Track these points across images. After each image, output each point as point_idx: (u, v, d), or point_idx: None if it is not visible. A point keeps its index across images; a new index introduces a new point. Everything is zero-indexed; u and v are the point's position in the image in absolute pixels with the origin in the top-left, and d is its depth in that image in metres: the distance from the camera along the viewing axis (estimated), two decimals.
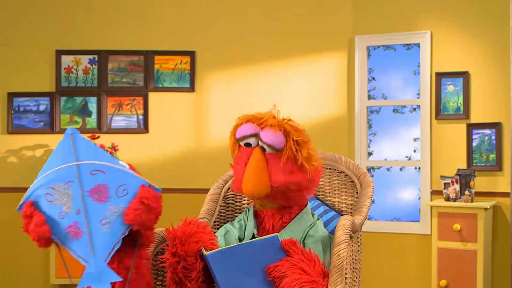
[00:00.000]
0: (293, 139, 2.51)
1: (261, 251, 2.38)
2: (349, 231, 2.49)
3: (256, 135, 2.55)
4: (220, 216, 2.98)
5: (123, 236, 2.30)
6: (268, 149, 2.52)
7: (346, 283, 2.43)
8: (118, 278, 2.26)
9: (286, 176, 2.51)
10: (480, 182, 4.87)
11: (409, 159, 5.24)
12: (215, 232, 2.74)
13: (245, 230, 2.69)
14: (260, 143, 2.54)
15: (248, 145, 2.57)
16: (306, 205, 2.70)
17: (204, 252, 2.36)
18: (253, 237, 2.63)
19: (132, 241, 2.41)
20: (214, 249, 2.39)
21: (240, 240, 2.67)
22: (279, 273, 2.36)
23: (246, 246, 2.38)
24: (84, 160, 2.33)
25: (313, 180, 2.60)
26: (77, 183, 2.30)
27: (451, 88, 5.01)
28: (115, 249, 2.28)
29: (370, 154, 5.33)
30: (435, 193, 5.03)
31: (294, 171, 2.53)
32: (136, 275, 2.36)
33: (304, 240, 2.59)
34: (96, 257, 2.26)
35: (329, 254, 2.55)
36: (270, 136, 2.51)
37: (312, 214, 2.71)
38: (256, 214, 2.70)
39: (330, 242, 2.61)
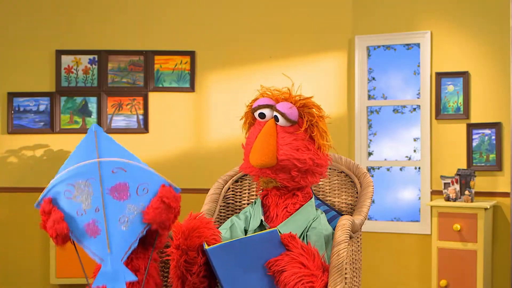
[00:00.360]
0: (308, 116, 2.59)
1: (261, 246, 2.40)
2: (349, 231, 2.49)
3: (271, 107, 2.61)
4: (220, 216, 2.98)
5: (141, 235, 2.28)
6: (281, 119, 2.57)
7: (346, 283, 2.43)
8: (133, 278, 2.23)
9: (293, 151, 2.56)
10: (480, 182, 4.87)
11: (409, 159, 5.24)
12: (219, 226, 2.76)
13: (250, 221, 2.71)
14: (275, 113, 2.59)
15: (262, 115, 2.61)
16: (311, 198, 2.71)
17: (205, 247, 2.37)
18: (261, 223, 2.65)
19: (143, 243, 2.40)
20: (216, 244, 2.40)
21: (246, 231, 2.69)
22: (278, 268, 2.37)
23: (246, 241, 2.39)
24: (106, 158, 2.31)
25: (319, 165, 2.63)
26: (97, 181, 2.28)
27: (451, 88, 5.01)
28: (132, 248, 2.26)
29: (370, 154, 5.33)
30: (435, 193, 5.03)
31: (301, 149, 2.58)
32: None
33: (307, 232, 2.60)
34: (113, 256, 2.23)
35: (330, 249, 2.56)
36: (285, 106, 2.57)
37: (316, 209, 2.73)
38: (262, 204, 2.73)
39: (332, 239, 2.62)
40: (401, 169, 5.27)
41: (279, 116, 2.58)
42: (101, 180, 2.29)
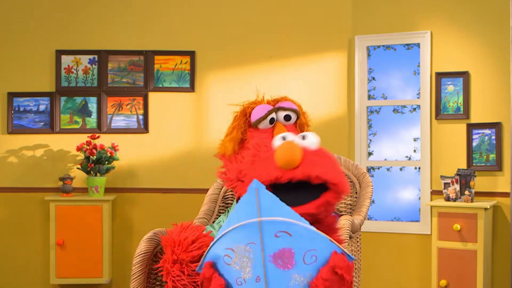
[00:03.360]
0: (303, 112, 2.61)
1: None
2: (348, 231, 2.49)
3: (275, 110, 2.54)
4: (219, 216, 2.98)
5: None
6: (292, 115, 2.54)
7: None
8: None
9: None
10: (480, 182, 4.87)
11: (409, 159, 5.23)
12: None
13: None
14: (286, 112, 2.53)
15: (272, 121, 2.52)
16: None
17: None
18: None
19: None
20: None
21: None
22: None
23: None
24: (269, 217, 2.00)
25: None
26: (259, 245, 1.97)
27: (451, 88, 5.01)
28: None
29: (370, 154, 5.33)
30: (435, 193, 5.03)
31: None
32: None
33: None
34: None
35: None
36: (288, 103, 2.56)
37: None
38: None
39: None
40: (401, 169, 5.26)
41: (291, 114, 2.54)
42: (262, 245, 1.97)
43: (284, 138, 2.29)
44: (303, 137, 2.30)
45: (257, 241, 1.97)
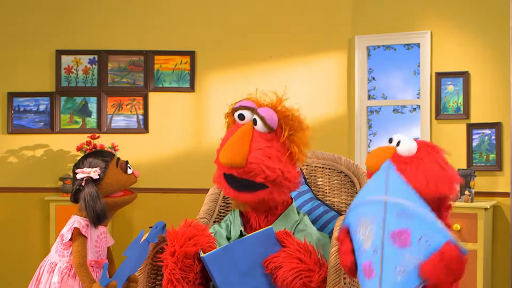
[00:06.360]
0: (288, 129, 2.50)
1: (257, 245, 2.39)
2: None
3: (252, 110, 2.54)
4: (220, 216, 2.98)
5: None
6: (259, 123, 2.50)
7: (344, 283, 2.43)
8: None
9: (265, 157, 2.47)
10: (480, 182, 4.87)
11: None
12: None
13: (231, 229, 2.69)
14: (254, 116, 2.52)
15: (241, 117, 2.56)
16: (290, 204, 2.69)
17: (202, 254, 2.36)
18: (241, 234, 2.63)
19: None
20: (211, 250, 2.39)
21: (228, 239, 2.67)
22: (275, 264, 2.36)
23: (242, 242, 2.38)
24: (394, 198, 2.11)
25: (288, 179, 2.54)
26: (381, 222, 2.10)
27: (451, 88, 5.01)
28: None
29: None
30: None
31: (273, 157, 2.49)
32: None
33: (293, 235, 2.59)
34: None
35: (322, 248, 2.55)
36: (266, 111, 2.51)
37: (298, 212, 2.71)
38: (242, 214, 2.69)
39: (324, 239, 2.62)
40: None
41: (258, 119, 2.50)
42: (384, 222, 2.10)
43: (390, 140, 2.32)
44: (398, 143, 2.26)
45: (380, 218, 2.09)
